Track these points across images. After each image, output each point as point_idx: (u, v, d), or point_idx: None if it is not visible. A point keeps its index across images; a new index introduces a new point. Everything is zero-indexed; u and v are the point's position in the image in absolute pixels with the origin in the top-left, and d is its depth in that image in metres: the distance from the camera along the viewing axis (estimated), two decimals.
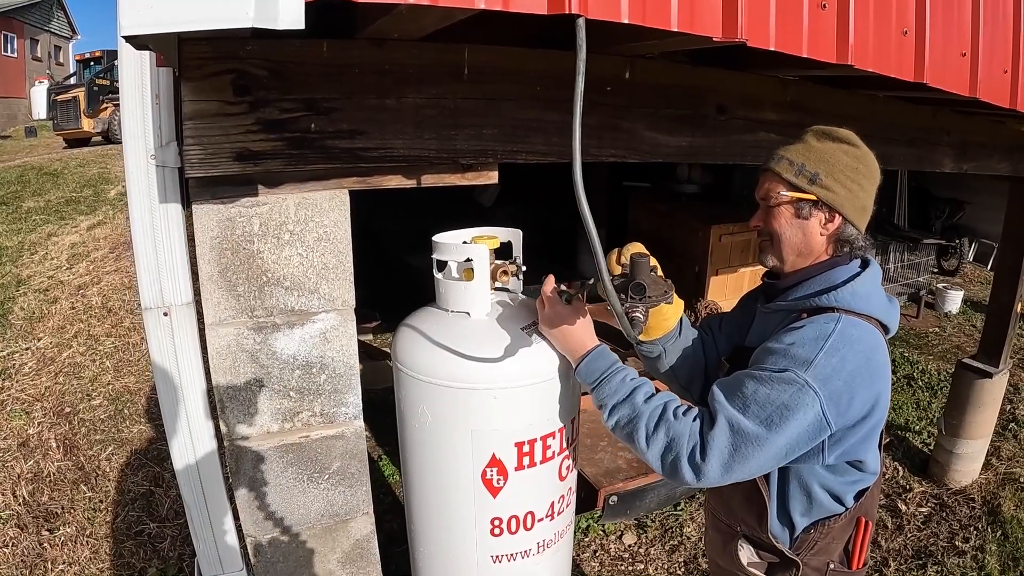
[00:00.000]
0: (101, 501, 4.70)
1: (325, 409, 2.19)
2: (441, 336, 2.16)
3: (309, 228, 2.02)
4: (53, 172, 14.58)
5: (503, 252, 2.31)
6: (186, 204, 2.00)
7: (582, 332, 1.99)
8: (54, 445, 5.20)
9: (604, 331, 2.19)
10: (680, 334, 2.19)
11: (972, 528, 4.61)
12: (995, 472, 5.19)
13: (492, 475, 2.20)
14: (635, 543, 4.43)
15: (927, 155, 3.46)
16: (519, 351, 2.12)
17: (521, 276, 2.32)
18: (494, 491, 2.22)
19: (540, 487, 2.30)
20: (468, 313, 2.20)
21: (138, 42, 1.52)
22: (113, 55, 21.84)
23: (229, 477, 2.18)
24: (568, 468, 2.39)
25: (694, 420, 1.75)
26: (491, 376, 2.10)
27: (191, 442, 2.18)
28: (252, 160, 1.82)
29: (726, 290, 6.37)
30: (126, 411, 5.85)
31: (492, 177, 2.20)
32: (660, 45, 1.97)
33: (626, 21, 1.54)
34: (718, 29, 1.72)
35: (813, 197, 1.79)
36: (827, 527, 1.96)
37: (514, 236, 2.35)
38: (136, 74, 1.96)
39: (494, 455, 2.17)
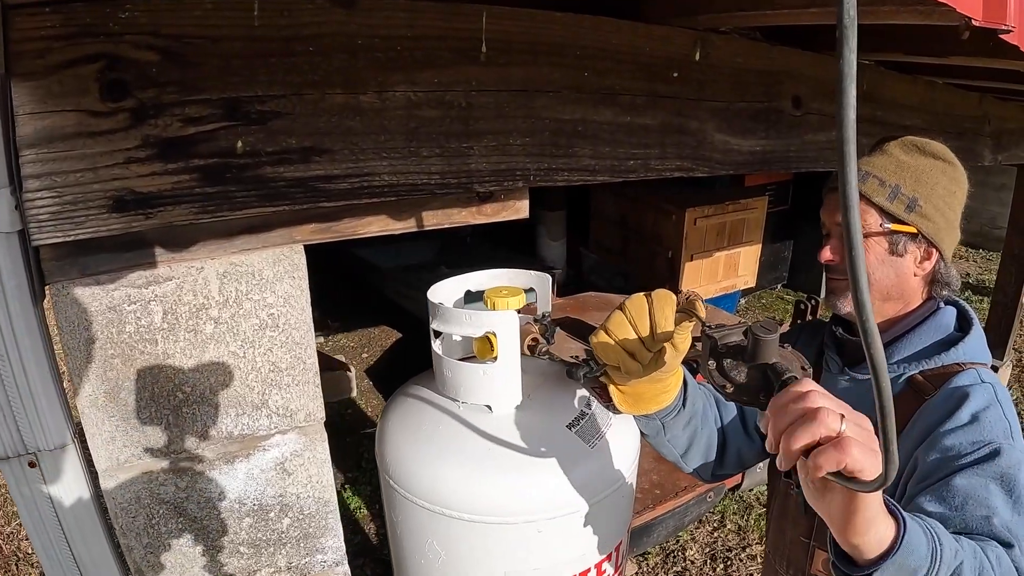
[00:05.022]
0: None
1: (293, 561, 1.41)
2: (456, 446, 1.38)
3: (244, 311, 1.19)
4: None
5: None
6: (38, 289, 1.13)
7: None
8: None
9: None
10: (684, 405, 1.46)
11: None
12: None
13: None
14: (636, 573, 3.76)
15: (972, 147, 3.00)
16: (572, 462, 1.37)
17: (553, 341, 1.49)
18: None
19: None
20: (489, 407, 1.39)
21: None
22: None
23: None
24: None
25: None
26: (534, 504, 1.34)
27: None
28: (141, 208, 1.05)
29: (701, 276, 5.72)
30: None
31: (520, 210, 1.40)
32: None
33: None
34: (978, 9, 1.09)
35: (913, 230, 1.35)
36: None
37: (539, 282, 1.52)
38: None
39: None
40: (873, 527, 0.85)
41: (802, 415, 0.79)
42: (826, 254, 1.42)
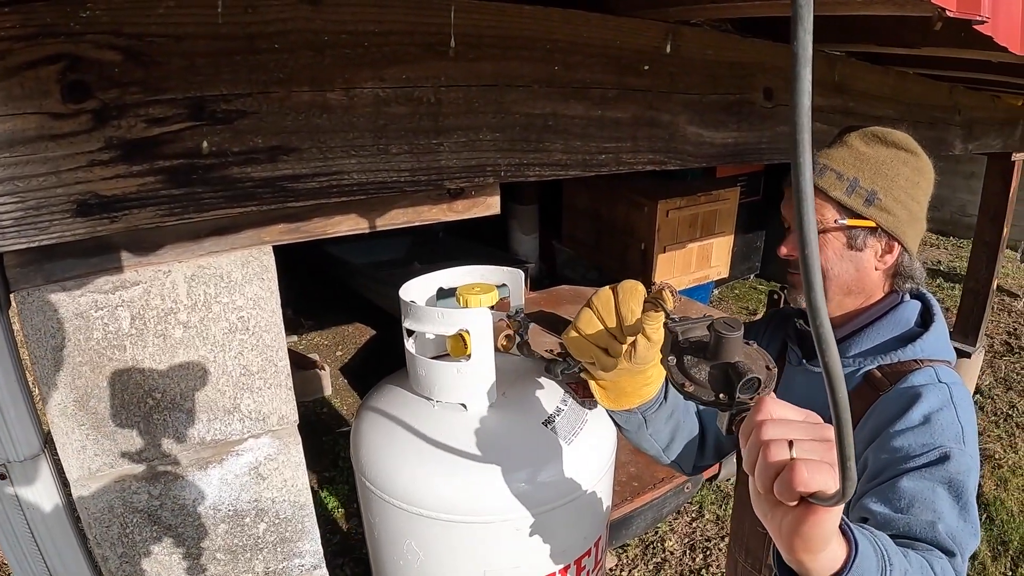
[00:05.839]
0: None
1: (270, 566, 1.39)
2: (432, 446, 1.38)
3: (213, 314, 1.17)
4: None
5: None
6: (3, 296, 1.11)
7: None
8: None
9: None
10: (666, 397, 1.44)
11: None
12: None
13: None
14: (616, 566, 3.75)
15: (943, 137, 2.99)
16: (549, 459, 1.37)
17: (527, 337, 1.49)
18: None
19: None
20: (464, 405, 1.38)
21: None
22: None
23: None
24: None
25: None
26: (512, 502, 1.33)
27: None
28: (106, 212, 1.01)
29: (674, 267, 5.73)
30: None
31: (491, 206, 1.39)
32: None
33: None
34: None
35: (871, 224, 1.31)
36: None
37: (512, 277, 1.52)
38: None
39: None
40: (828, 546, 0.80)
41: (758, 451, 0.76)
42: (784, 249, 1.40)
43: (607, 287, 1.22)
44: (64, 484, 1.23)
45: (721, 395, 0.97)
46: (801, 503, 0.74)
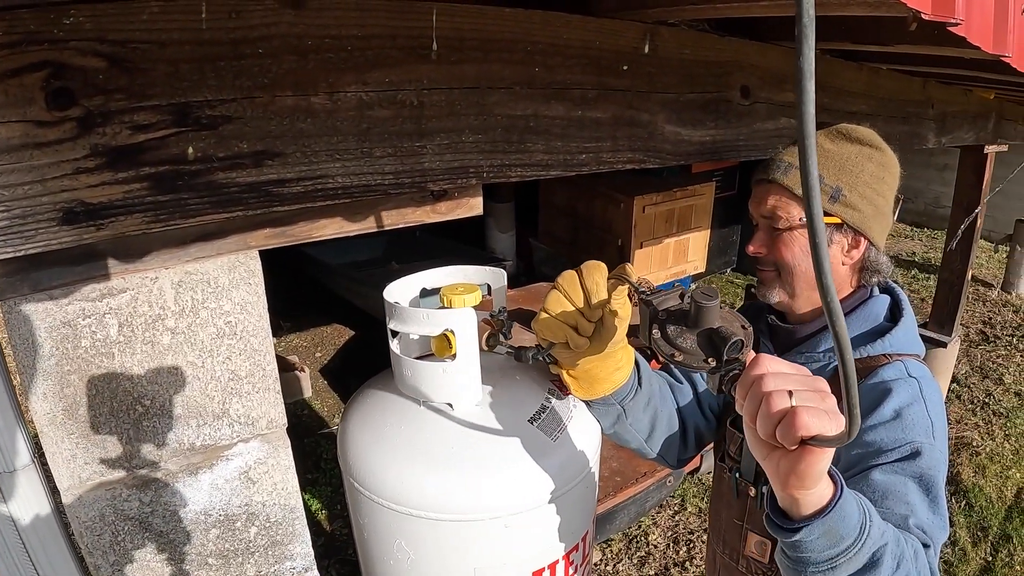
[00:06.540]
0: None
1: (262, 569, 1.40)
2: (420, 446, 1.38)
3: (201, 320, 1.17)
4: None
5: None
6: None
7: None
8: None
9: None
10: (640, 384, 1.46)
11: None
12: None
13: None
14: (601, 560, 3.78)
15: (917, 131, 3.04)
16: (536, 456, 1.38)
17: (511, 337, 1.51)
18: None
19: None
20: (450, 405, 1.40)
21: None
22: None
23: None
24: (589, 573, 1.71)
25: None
26: (500, 500, 1.35)
27: None
28: (92, 220, 1.01)
29: (651, 263, 5.75)
30: None
31: (474, 207, 1.40)
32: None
33: None
34: (927, 3, 1.09)
35: (837, 220, 1.33)
36: None
37: (495, 277, 1.53)
38: None
39: None
40: (818, 484, 0.87)
41: (759, 403, 0.83)
42: (752, 247, 1.44)
43: (570, 269, 1.26)
44: (54, 493, 1.23)
45: (710, 359, 1.03)
46: (798, 445, 0.81)
